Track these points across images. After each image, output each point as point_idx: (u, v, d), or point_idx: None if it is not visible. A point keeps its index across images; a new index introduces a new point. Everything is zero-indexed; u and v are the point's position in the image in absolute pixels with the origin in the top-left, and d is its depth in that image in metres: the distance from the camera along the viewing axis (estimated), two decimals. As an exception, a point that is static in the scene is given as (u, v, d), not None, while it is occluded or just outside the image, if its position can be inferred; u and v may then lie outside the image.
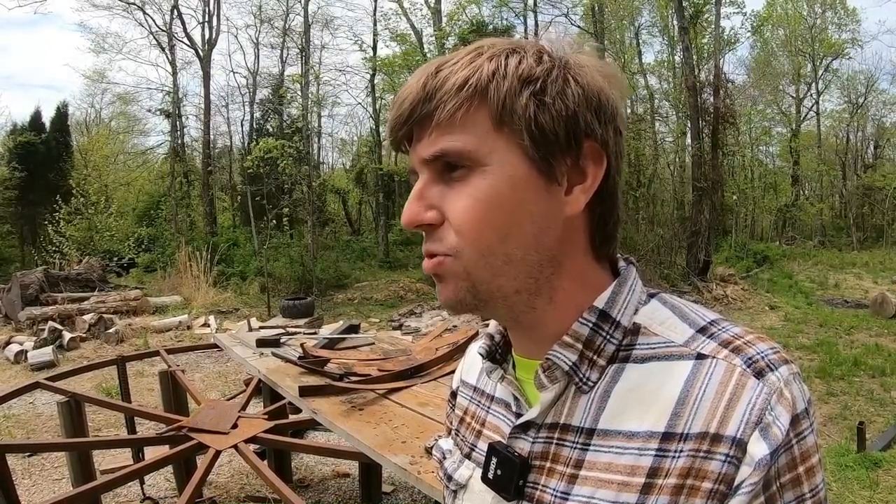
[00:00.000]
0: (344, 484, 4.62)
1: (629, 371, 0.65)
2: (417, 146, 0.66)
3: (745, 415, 0.58)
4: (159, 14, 20.21)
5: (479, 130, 0.63)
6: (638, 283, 0.71)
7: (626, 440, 0.62)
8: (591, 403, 0.66)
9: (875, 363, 7.67)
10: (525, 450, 0.70)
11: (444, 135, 0.63)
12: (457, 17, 17.13)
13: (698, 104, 15.19)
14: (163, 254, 17.22)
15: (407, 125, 0.65)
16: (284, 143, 15.45)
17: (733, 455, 0.57)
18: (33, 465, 4.95)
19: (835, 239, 24.46)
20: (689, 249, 15.21)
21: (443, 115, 0.62)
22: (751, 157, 25.77)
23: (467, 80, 0.62)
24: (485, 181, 0.63)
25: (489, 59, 0.63)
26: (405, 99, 0.65)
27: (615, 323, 0.67)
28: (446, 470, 0.84)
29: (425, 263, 0.68)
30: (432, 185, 0.66)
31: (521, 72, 0.63)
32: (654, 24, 21.96)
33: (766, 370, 0.60)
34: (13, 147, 20.32)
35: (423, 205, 0.66)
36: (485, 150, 0.63)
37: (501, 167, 0.63)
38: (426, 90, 0.63)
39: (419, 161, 0.66)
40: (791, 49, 26.68)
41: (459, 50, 0.67)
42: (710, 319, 0.67)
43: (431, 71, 0.65)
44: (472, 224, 0.63)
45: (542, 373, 0.68)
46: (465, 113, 0.62)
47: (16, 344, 9.19)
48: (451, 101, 0.62)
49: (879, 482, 4.45)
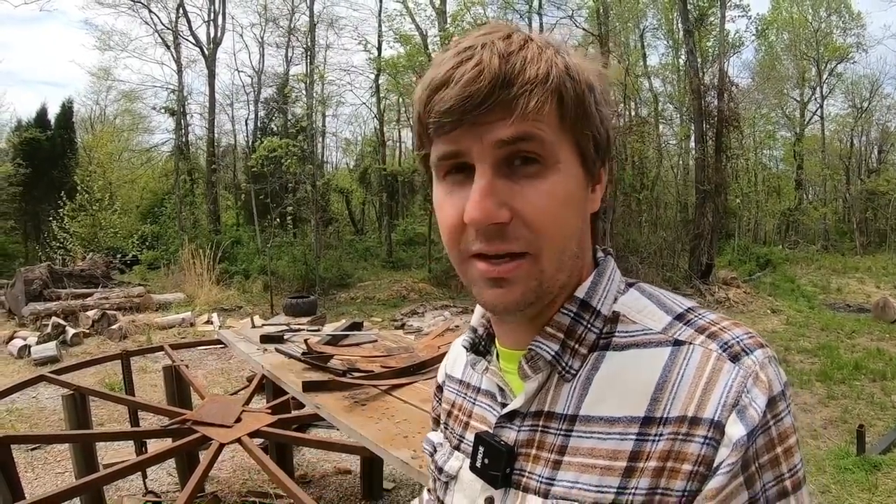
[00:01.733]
0: (345, 481, 4.64)
1: (609, 358, 0.67)
2: (482, 130, 0.61)
3: (723, 398, 0.59)
4: (165, 12, 20.29)
5: (556, 126, 0.62)
6: (616, 273, 0.73)
7: (607, 426, 0.64)
8: (574, 391, 0.67)
9: (876, 367, 7.66)
10: (511, 438, 0.71)
11: (525, 121, 0.60)
12: (461, 17, 17.12)
13: (702, 107, 15.19)
14: (166, 251, 17.26)
15: (482, 108, 0.59)
16: (289, 142, 15.46)
17: (711, 437, 0.58)
18: (36, 458, 4.98)
19: (838, 243, 24.40)
20: (691, 252, 15.21)
21: (530, 106, 0.59)
22: (754, 160, 25.75)
23: (549, 73, 0.60)
24: (560, 179, 0.63)
25: (556, 54, 0.62)
26: (477, 77, 0.59)
27: (595, 312, 0.69)
28: (437, 462, 0.86)
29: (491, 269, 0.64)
30: (498, 179, 0.62)
31: (586, 73, 0.64)
32: (658, 27, 21.99)
33: (742, 354, 0.61)
34: (18, 143, 20.40)
35: (496, 201, 0.61)
36: (558, 147, 0.62)
37: (570, 166, 0.64)
38: (504, 73, 0.59)
39: (485, 146, 0.61)
40: (796, 53, 26.63)
41: (493, 29, 0.64)
42: (687, 307, 0.68)
43: (502, 51, 0.60)
44: (553, 223, 0.63)
45: (525, 363, 0.69)
46: (549, 107, 0.61)
47: (19, 339, 9.22)
48: (539, 93, 0.59)
49: (879, 485, 4.46)
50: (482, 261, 0.64)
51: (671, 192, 19.48)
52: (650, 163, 18.69)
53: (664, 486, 0.60)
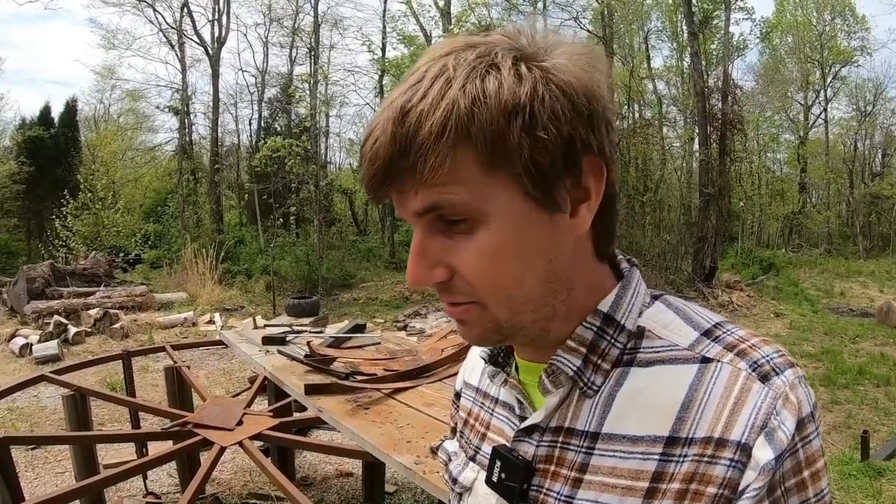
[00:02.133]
0: (347, 483, 4.62)
1: (634, 375, 0.64)
2: (402, 199, 0.60)
3: (751, 419, 0.57)
4: (169, 11, 20.34)
5: (470, 178, 0.57)
6: (642, 286, 0.70)
7: (630, 444, 0.62)
8: (596, 407, 0.65)
9: (880, 372, 7.64)
10: (529, 453, 0.69)
11: (431, 189, 0.57)
12: (465, 18, 17.12)
13: (706, 110, 15.18)
14: (169, 250, 17.29)
15: (385, 186, 0.59)
16: (292, 143, 15.47)
17: (738, 460, 0.57)
18: (36, 458, 4.97)
19: (841, 247, 24.37)
20: (695, 255, 15.19)
21: (425, 172, 0.55)
22: (758, 163, 25.66)
23: (445, 124, 0.54)
24: (489, 233, 0.59)
25: (462, 88, 0.55)
26: (376, 154, 0.57)
27: (620, 326, 0.66)
28: (451, 472, 0.84)
29: (449, 310, 0.66)
30: (431, 238, 0.61)
31: (504, 101, 0.55)
32: (663, 30, 21.95)
33: (772, 374, 0.59)
34: (22, 142, 20.46)
35: (428, 263, 0.61)
36: (481, 199, 0.58)
37: (502, 214, 0.59)
38: (398, 142, 0.56)
39: (409, 214, 0.60)
40: (800, 56, 26.60)
41: (423, 66, 0.59)
42: (715, 322, 0.66)
43: (397, 114, 0.56)
44: (487, 279, 0.61)
45: (546, 378, 0.67)
46: (452, 163, 0.55)
47: (21, 337, 9.23)
48: (433, 155, 0.55)
49: (882, 491, 4.44)
50: (446, 303, 0.66)
51: (675, 195, 19.42)
52: (654, 165, 18.67)
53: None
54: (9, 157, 20.52)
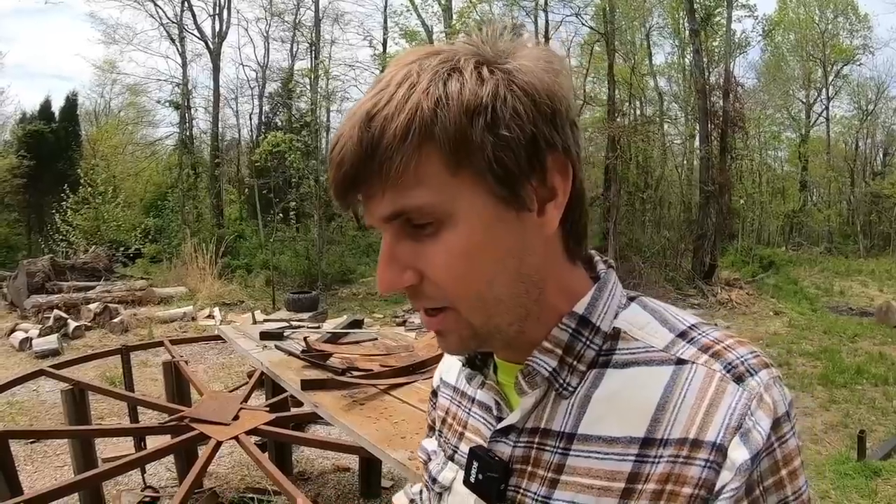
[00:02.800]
0: (344, 478, 4.64)
1: (609, 376, 0.65)
2: (370, 204, 0.61)
3: (725, 420, 0.58)
4: (170, 6, 20.18)
5: (435, 179, 0.58)
6: (618, 287, 0.71)
7: (606, 445, 0.62)
8: (572, 409, 0.66)
9: (878, 372, 7.64)
10: (506, 454, 0.70)
11: (398, 193, 0.58)
12: (467, 14, 17.08)
13: (707, 107, 15.17)
14: (169, 245, 17.27)
15: (353, 190, 0.60)
16: (293, 137, 15.46)
17: (713, 460, 0.57)
18: (36, 451, 4.99)
19: (841, 246, 24.33)
20: (694, 253, 15.20)
21: (391, 174, 0.56)
22: (759, 161, 25.63)
23: (409, 127, 0.55)
24: (455, 234, 0.59)
25: (425, 91, 0.56)
26: (343, 159, 0.58)
27: (595, 328, 0.67)
28: (430, 472, 0.84)
29: (427, 321, 0.66)
30: (399, 243, 0.62)
31: (466, 102, 0.56)
32: (664, 26, 21.86)
33: (746, 375, 0.60)
34: (22, 136, 20.46)
35: (397, 267, 0.62)
36: (447, 200, 0.58)
37: (468, 214, 0.59)
38: (364, 146, 0.57)
39: (376, 220, 0.61)
40: (802, 54, 26.53)
41: (388, 75, 0.60)
42: (690, 324, 0.66)
43: (363, 119, 0.57)
44: (457, 280, 0.61)
45: (522, 378, 0.68)
46: (417, 165, 0.57)
47: (21, 332, 9.25)
48: (398, 157, 0.56)
49: (878, 491, 4.44)
50: (422, 312, 0.66)
51: (675, 192, 19.40)
52: (654, 162, 18.65)
53: None
54: (9, 151, 20.51)
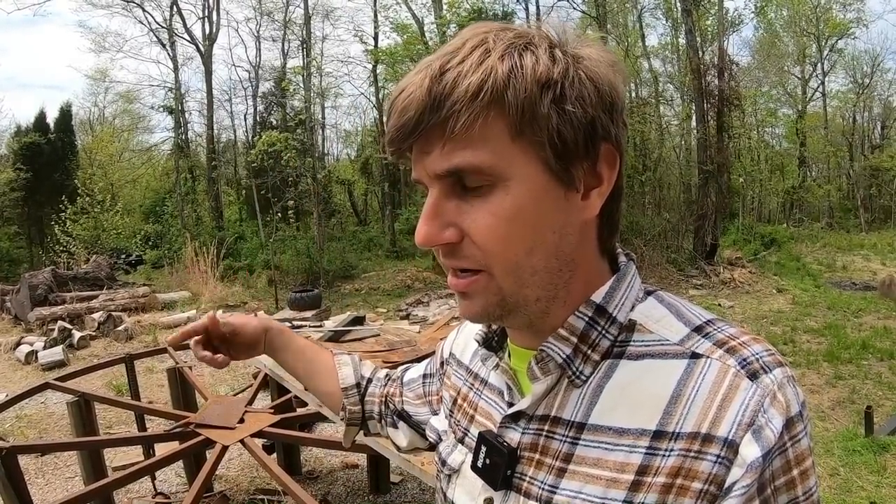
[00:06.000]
0: (353, 475, 4.65)
1: (623, 367, 0.65)
2: (425, 159, 0.61)
3: (738, 416, 0.57)
4: (158, 10, 20.19)
5: (496, 142, 0.59)
6: (636, 280, 0.71)
7: (616, 436, 0.62)
8: (583, 398, 0.66)
9: (883, 346, 7.63)
10: (515, 440, 0.70)
11: (458, 149, 0.59)
12: (458, 4, 16.99)
13: (703, 87, 15.08)
14: (170, 250, 17.29)
15: (413, 137, 0.60)
16: (288, 136, 15.43)
17: (724, 456, 0.57)
18: (46, 463, 5.00)
19: (842, 221, 24.30)
20: (695, 233, 15.15)
21: (457, 128, 0.57)
22: (757, 139, 25.56)
23: (481, 86, 0.56)
24: (507, 197, 0.60)
25: (501, 57, 0.57)
26: (408, 106, 0.59)
27: (611, 318, 0.67)
28: (440, 454, 0.85)
29: (454, 282, 0.66)
30: (446, 200, 0.62)
31: (539, 74, 0.58)
32: (657, 7, 21.72)
33: (760, 372, 0.59)
34: (18, 148, 20.45)
35: (440, 223, 0.62)
36: (504, 164, 0.59)
37: (522, 180, 0.60)
38: (433, 96, 0.57)
39: (429, 175, 0.62)
40: (796, 30, 26.37)
41: (461, 39, 0.61)
42: (707, 319, 0.66)
43: (435, 72, 0.58)
44: (499, 242, 0.61)
45: (535, 364, 0.68)
46: (483, 124, 0.57)
47: (26, 345, 9.25)
48: (466, 112, 0.56)
49: (887, 466, 4.44)
50: (451, 273, 0.66)
51: (674, 173, 19.34)
52: (652, 144, 18.58)
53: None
54: (6, 165, 20.49)
